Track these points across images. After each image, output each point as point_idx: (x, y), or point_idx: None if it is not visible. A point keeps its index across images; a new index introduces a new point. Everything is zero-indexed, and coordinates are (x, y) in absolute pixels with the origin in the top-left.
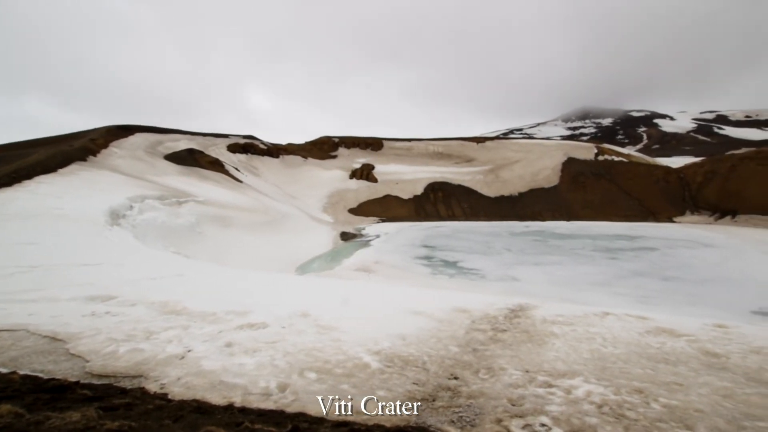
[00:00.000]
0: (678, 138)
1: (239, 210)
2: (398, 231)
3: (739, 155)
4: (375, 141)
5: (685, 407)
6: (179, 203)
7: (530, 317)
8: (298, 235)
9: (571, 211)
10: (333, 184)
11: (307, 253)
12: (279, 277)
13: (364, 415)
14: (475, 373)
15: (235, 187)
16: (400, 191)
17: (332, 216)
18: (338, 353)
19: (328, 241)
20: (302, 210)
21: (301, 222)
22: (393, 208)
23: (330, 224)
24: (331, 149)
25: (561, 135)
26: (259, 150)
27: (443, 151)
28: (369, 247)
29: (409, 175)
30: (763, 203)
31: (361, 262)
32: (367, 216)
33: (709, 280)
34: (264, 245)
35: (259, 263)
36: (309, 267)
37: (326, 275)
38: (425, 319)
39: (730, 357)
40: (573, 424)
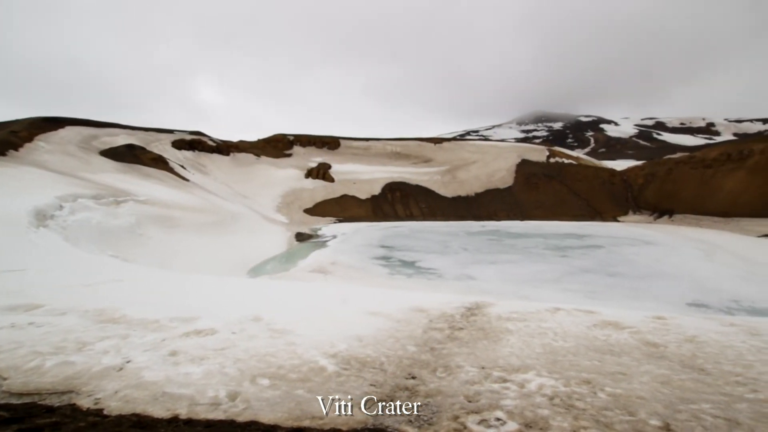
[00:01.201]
0: (622, 142)
1: (186, 210)
2: (355, 231)
3: (675, 159)
4: (332, 140)
5: (629, 395)
6: (117, 203)
7: (486, 315)
8: (250, 236)
9: (524, 211)
10: (287, 183)
11: (260, 255)
12: (229, 280)
13: (320, 420)
14: (432, 371)
15: (180, 185)
16: (358, 191)
17: (287, 216)
18: (293, 358)
19: (283, 242)
20: (255, 210)
21: (253, 222)
22: (350, 208)
23: (284, 224)
24: (285, 147)
25: (515, 137)
26: (207, 147)
27: (401, 151)
28: (325, 248)
29: (367, 174)
30: (695, 204)
31: (318, 263)
32: (323, 216)
33: (649, 276)
34: (213, 247)
35: (208, 266)
36: (262, 269)
37: (280, 277)
38: (383, 320)
39: (667, 346)
40: (526, 417)
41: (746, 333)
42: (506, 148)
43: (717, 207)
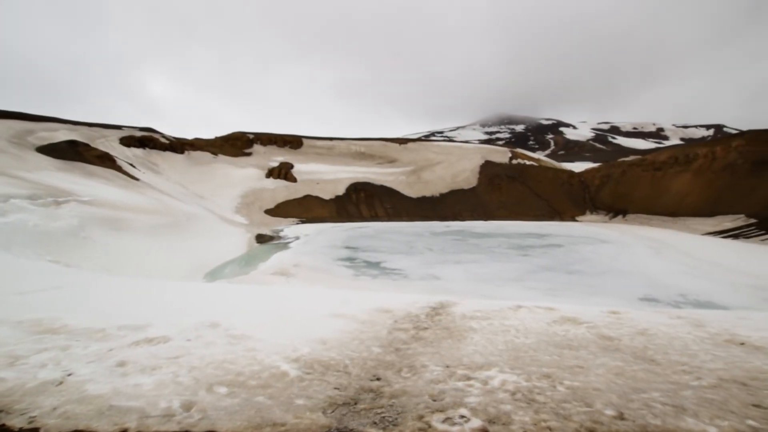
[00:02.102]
0: (580, 145)
1: (136, 211)
2: (319, 232)
3: (628, 162)
4: (294, 139)
5: (586, 387)
6: (57, 203)
7: (451, 314)
8: (206, 239)
9: (488, 211)
10: (247, 183)
11: (217, 258)
12: (184, 285)
13: (281, 426)
14: (397, 372)
15: (130, 185)
16: (321, 191)
17: (246, 217)
18: (253, 364)
19: (242, 244)
20: (212, 211)
21: (210, 224)
22: (313, 208)
23: (244, 226)
24: (245, 146)
25: (479, 139)
26: (159, 144)
27: (366, 151)
28: (288, 250)
29: (331, 174)
30: (646, 204)
31: (279, 266)
32: (285, 217)
33: (605, 273)
34: (166, 250)
35: (161, 270)
36: (220, 273)
37: (240, 281)
38: (347, 322)
39: (621, 339)
40: (489, 413)
41: (692, 325)
42: (470, 149)
43: (666, 207)
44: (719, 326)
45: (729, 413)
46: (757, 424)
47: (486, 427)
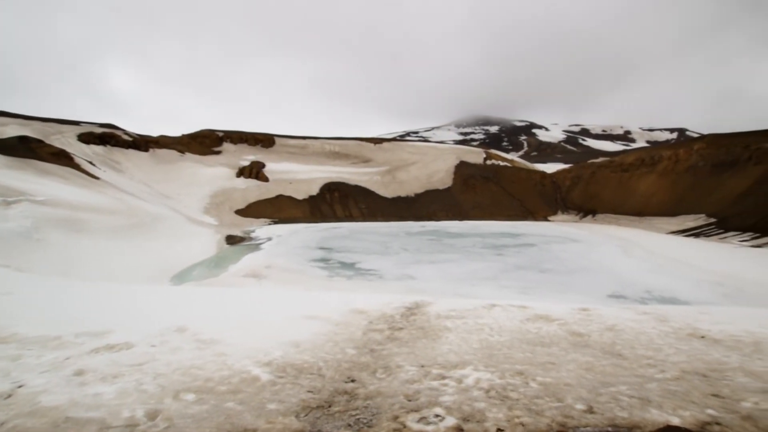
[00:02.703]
0: (552, 147)
1: (96, 212)
2: (292, 233)
3: (597, 164)
4: (266, 137)
5: (557, 383)
6: (7, 203)
7: (425, 314)
8: (173, 240)
9: (462, 211)
10: (217, 182)
11: (185, 260)
12: (149, 289)
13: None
14: (372, 373)
15: (89, 184)
16: (294, 191)
17: (216, 218)
18: (222, 369)
19: (211, 245)
20: (179, 211)
21: (177, 225)
22: (286, 208)
23: (213, 227)
24: (214, 144)
25: (454, 139)
26: (122, 141)
27: (340, 150)
28: (259, 251)
29: (304, 174)
30: (614, 204)
31: (251, 267)
32: (257, 217)
33: (576, 271)
34: (130, 253)
35: (124, 274)
36: (188, 275)
37: (209, 284)
38: (321, 324)
39: (591, 335)
40: (464, 411)
41: (656, 320)
42: (445, 149)
43: (633, 207)
44: (682, 321)
45: (690, 403)
46: (716, 413)
47: (460, 425)
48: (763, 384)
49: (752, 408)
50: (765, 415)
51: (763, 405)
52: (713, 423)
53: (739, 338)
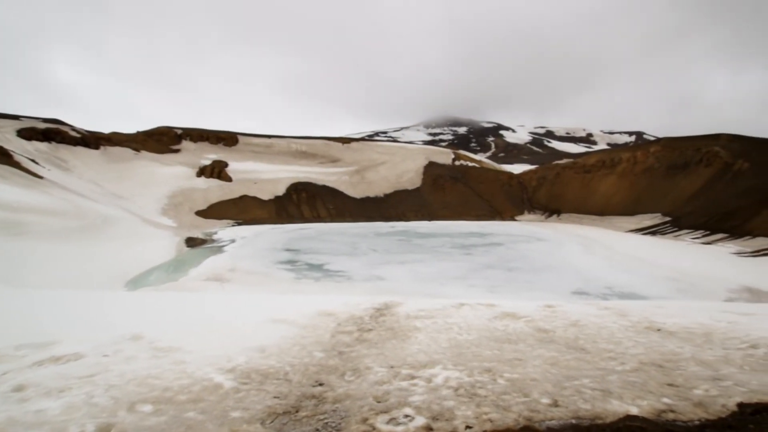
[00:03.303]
0: (518, 148)
1: (39, 213)
2: (257, 234)
3: (561, 165)
4: (228, 136)
5: (524, 378)
6: None
7: (395, 314)
8: (127, 243)
9: (431, 211)
10: (175, 182)
11: (141, 265)
12: (101, 295)
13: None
14: (341, 376)
15: (32, 184)
16: (259, 191)
17: (175, 219)
18: (182, 377)
19: (170, 248)
20: (133, 213)
21: (131, 227)
22: (251, 209)
23: (172, 229)
24: (172, 142)
25: (423, 140)
26: (69, 138)
27: (307, 150)
28: (222, 253)
29: (269, 174)
30: (577, 204)
31: (213, 271)
32: (219, 219)
33: (542, 269)
34: (79, 258)
35: (73, 280)
36: (144, 280)
37: (167, 289)
38: (287, 327)
39: (555, 331)
40: (433, 410)
41: (617, 315)
42: (414, 150)
43: (594, 207)
44: (640, 315)
45: (648, 393)
46: (671, 401)
47: (430, 424)
48: (713, 372)
49: (703, 395)
50: (714, 401)
51: (713, 392)
52: (668, 411)
53: (691, 330)
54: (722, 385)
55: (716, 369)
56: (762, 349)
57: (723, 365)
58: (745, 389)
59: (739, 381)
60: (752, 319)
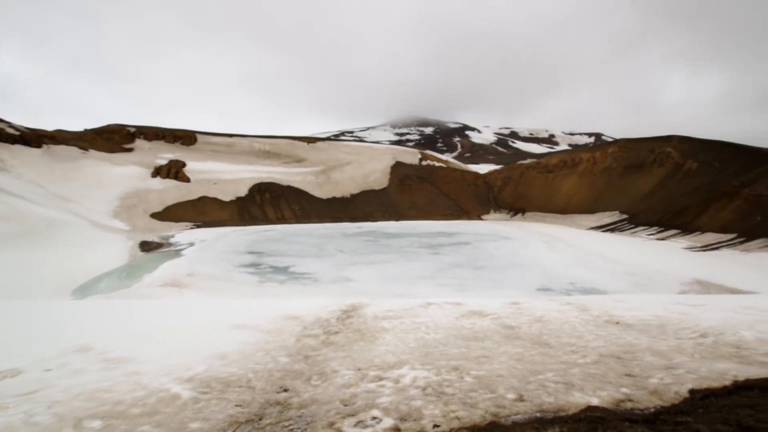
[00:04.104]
0: (484, 148)
1: None
2: (218, 237)
3: (526, 165)
4: (186, 134)
5: (490, 375)
6: None
7: (362, 316)
8: (75, 249)
9: (399, 211)
10: (128, 183)
11: (90, 271)
12: (44, 305)
13: None
14: (306, 381)
15: None
16: (220, 192)
17: (128, 222)
18: (136, 389)
19: (122, 253)
20: (81, 216)
21: (79, 231)
22: (211, 211)
23: (124, 232)
24: (125, 141)
25: (389, 140)
26: (5, 135)
27: (271, 149)
28: (180, 258)
29: (231, 174)
30: (541, 203)
31: (170, 276)
32: (177, 221)
33: (507, 267)
34: (18, 265)
35: (12, 290)
36: (93, 288)
37: (120, 296)
38: (250, 332)
39: (521, 327)
40: (401, 411)
41: (579, 310)
42: (381, 150)
43: (557, 205)
44: (600, 309)
45: (608, 384)
46: (629, 391)
47: (398, 425)
48: (667, 361)
49: (658, 383)
50: (668, 389)
51: (667, 380)
52: (626, 400)
53: (647, 322)
54: (675, 373)
55: (670, 358)
56: (710, 338)
57: (676, 354)
58: (696, 376)
59: (691, 368)
60: (702, 310)
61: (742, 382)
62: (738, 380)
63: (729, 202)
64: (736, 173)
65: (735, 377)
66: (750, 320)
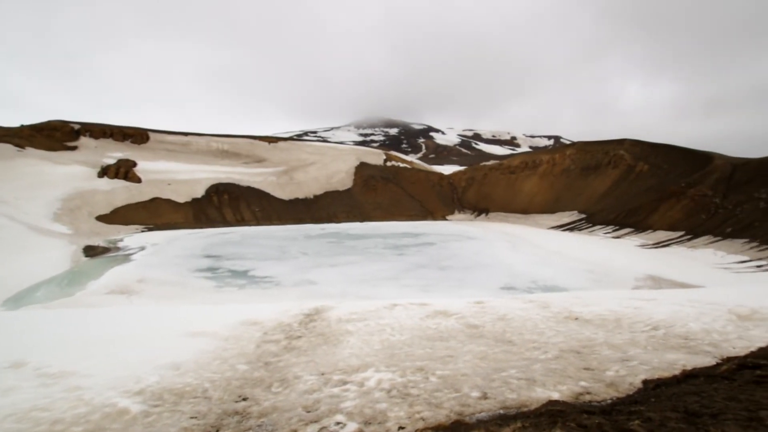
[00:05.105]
0: (448, 149)
1: None
2: (172, 240)
3: (489, 166)
4: (137, 132)
5: (455, 374)
6: None
7: (326, 319)
8: (8, 254)
9: (363, 212)
10: (71, 183)
11: (26, 279)
12: None
13: None
14: (267, 388)
15: None
16: (174, 193)
17: (70, 226)
18: (78, 406)
19: (64, 258)
20: (16, 219)
21: (13, 235)
22: (164, 213)
23: (66, 236)
24: (67, 138)
25: (353, 140)
26: None
27: (230, 149)
28: (129, 263)
29: (186, 174)
30: (504, 203)
31: (118, 282)
32: (126, 224)
33: (472, 266)
34: None
35: None
36: (29, 297)
37: (59, 305)
38: (207, 340)
39: (485, 326)
40: (365, 415)
41: (540, 307)
42: (345, 150)
43: (519, 205)
44: (560, 306)
45: (567, 378)
46: (587, 384)
47: (362, 429)
48: (622, 354)
49: (614, 376)
50: (623, 380)
51: (622, 372)
52: (585, 393)
53: (604, 317)
54: (630, 365)
55: (625, 351)
56: (662, 330)
57: (630, 347)
58: (648, 367)
59: (644, 360)
60: (654, 304)
61: (689, 371)
62: (686, 369)
63: (677, 201)
64: (682, 174)
65: (683, 366)
66: (696, 312)
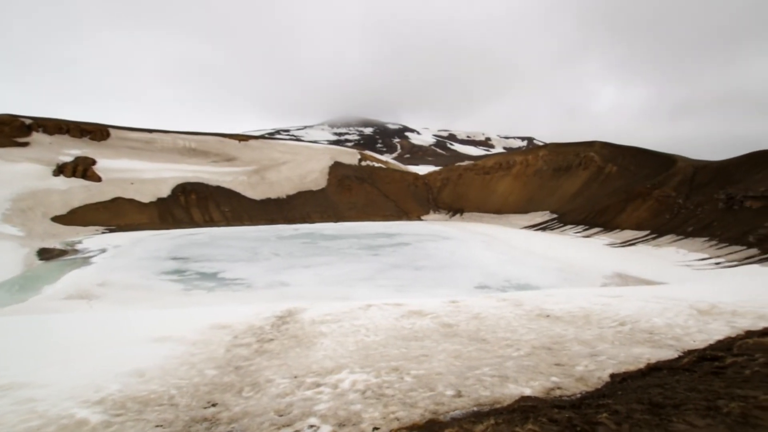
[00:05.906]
0: (423, 150)
1: None
2: (136, 242)
3: (464, 166)
4: (97, 128)
5: (429, 373)
6: None
7: (299, 321)
8: None
9: (338, 212)
10: (23, 182)
11: None
12: None
13: None
14: (237, 393)
15: None
16: (137, 193)
17: (22, 227)
18: (31, 419)
19: (15, 262)
20: None
21: None
22: (127, 214)
23: (18, 239)
24: (18, 134)
25: (328, 140)
26: None
27: (197, 147)
28: (89, 266)
29: (150, 173)
30: (478, 203)
31: (77, 287)
32: (85, 225)
33: (447, 266)
34: None
35: None
36: None
37: (11, 312)
38: (173, 345)
39: (459, 325)
40: (340, 416)
41: (513, 305)
42: (319, 149)
43: (493, 206)
44: (532, 304)
45: (539, 374)
46: (558, 379)
47: (336, 431)
48: (591, 349)
49: (583, 371)
50: (592, 375)
51: (591, 367)
52: (556, 388)
53: (574, 314)
54: (598, 360)
55: (593, 346)
56: (628, 326)
57: (599, 342)
58: (616, 361)
59: (611, 355)
60: (621, 301)
61: (654, 364)
62: (651, 363)
63: (643, 202)
64: (648, 176)
65: (648, 360)
66: (660, 308)
